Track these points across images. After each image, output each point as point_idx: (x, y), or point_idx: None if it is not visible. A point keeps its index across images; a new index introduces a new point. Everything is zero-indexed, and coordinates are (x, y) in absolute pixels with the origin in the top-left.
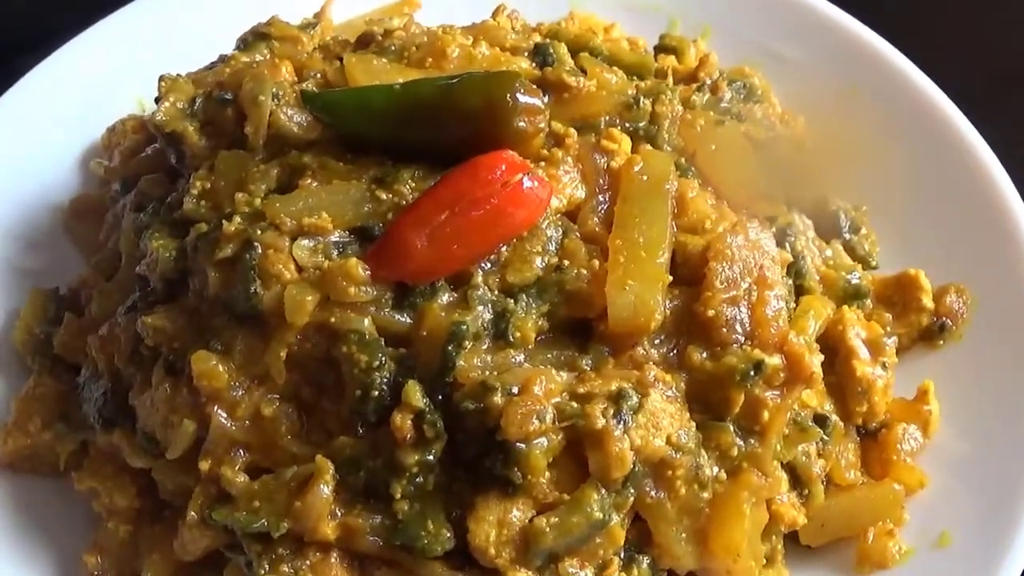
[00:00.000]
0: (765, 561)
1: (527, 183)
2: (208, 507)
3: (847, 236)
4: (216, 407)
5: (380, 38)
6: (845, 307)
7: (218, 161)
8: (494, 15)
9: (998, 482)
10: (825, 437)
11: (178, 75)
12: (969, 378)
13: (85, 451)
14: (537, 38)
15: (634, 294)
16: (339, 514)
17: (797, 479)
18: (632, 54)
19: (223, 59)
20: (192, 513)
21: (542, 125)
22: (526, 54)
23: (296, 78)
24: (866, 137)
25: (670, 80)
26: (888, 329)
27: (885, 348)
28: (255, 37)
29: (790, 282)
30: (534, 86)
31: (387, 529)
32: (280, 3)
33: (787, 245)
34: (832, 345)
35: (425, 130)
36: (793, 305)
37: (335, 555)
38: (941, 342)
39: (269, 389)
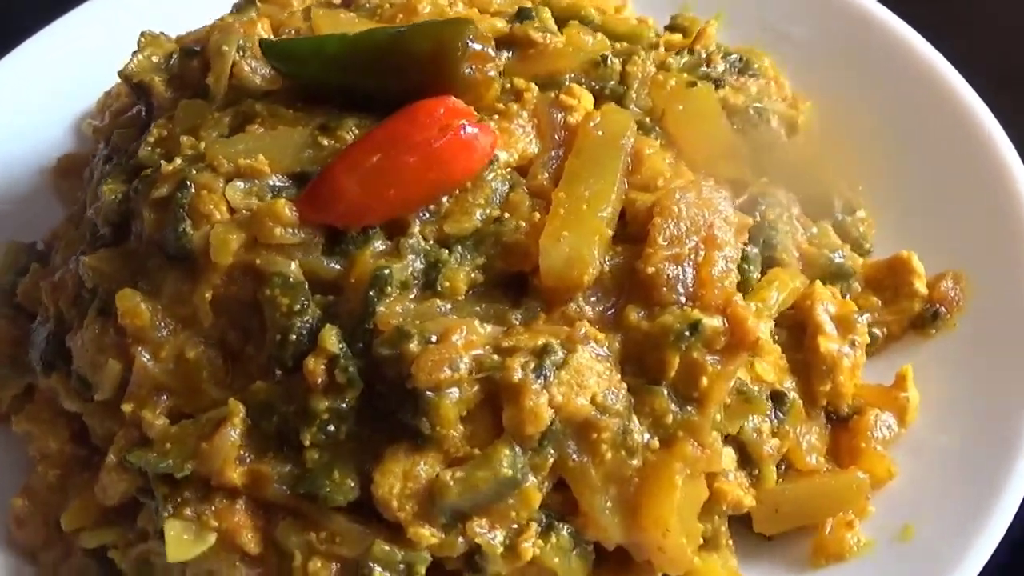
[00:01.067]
0: (704, 542)
1: (468, 129)
2: (126, 450)
3: (839, 216)
4: (140, 347)
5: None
6: (818, 283)
7: (178, 110)
8: None
9: (972, 478)
10: (780, 415)
11: (161, 33)
12: (957, 369)
13: (30, 397)
14: (526, 3)
15: (568, 246)
16: (248, 460)
17: (747, 457)
18: (626, 25)
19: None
20: (111, 456)
21: (492, 74)
22: (507, 18)
23: (273, 35)
24: (874, 117)
25: (661, 49)
26: (877, 315)
27: (856, 326)
28: (248, 1)
29: (755, 251)
30: (488, 35)
31: (294, 477)
32: None
33: (756, 213)
34: (801, 321)
35: (376, 76)
36: (757, 275)
37: (241, 502)
38: (933, 330)
39: (195, 332)
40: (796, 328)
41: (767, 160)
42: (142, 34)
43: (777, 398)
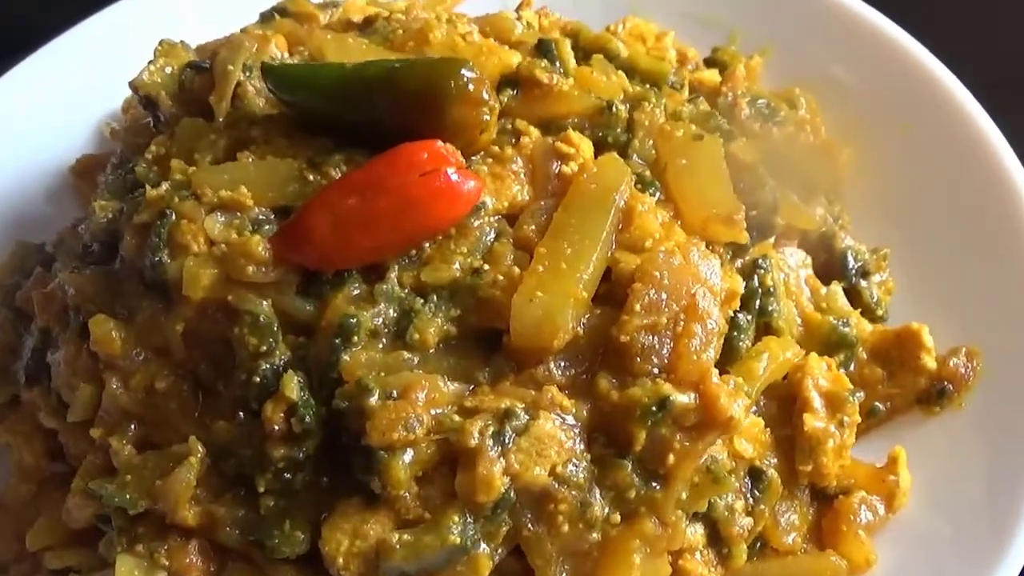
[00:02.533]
0: None
1: (452, 177)
2: (90, 476)
3: (853, 279)
4: (111, 375)
5: (380, 21)
6: (813, 355)
7: (178, 128)
8: (518, 8)
9: (959, 568)
10: (756, 493)
11: (180, 41)
12: (957, 452)
13: (15, 408)
14: (556, 35)
15: (541, 308)
16: (204, 500)
17: (717, 535)
18: (650, 61)
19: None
20: (78, 480)
21: (486, 118)
22: (529, 50)
23: (288, 53)
24: (910, 172)
25: (685, 91)
26: (880, 387)
27: (847, 405)
28: (271, 12)
29: (748, 317)
30: (482, 77)
31: (247, 523)
32: None
33: (755, 279)
34: (792, 394)
35: (367, 112)
36: (748, 343)
37: (195, 543)
38: (938, 408)
39: (166, 363)
40: (786, 401)
41: (777, 217)
42: (160, 42)
43: (755, 475)
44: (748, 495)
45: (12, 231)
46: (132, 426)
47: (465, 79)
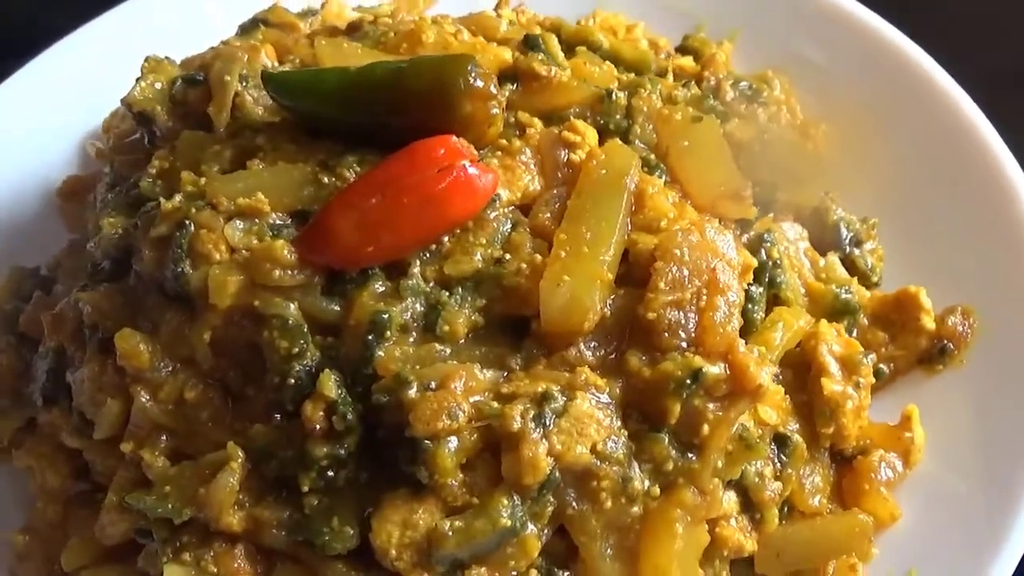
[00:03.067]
0: None
1: (469, 170)
2: (126, 490)
3: (847, 249)
4: (139, 388)
5: (367, 25)
6: (823, 321)
7: (179, 141)
8: (497, 7)
9: (978, 522)
10: (783, 458)
11: (166, 57)
12: (965, 407)
13: (32, 430)
14: (537, 31)
15: (569, 291)
16: (247, 505)
17: (749, 501)
18: (633, 50)
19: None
20: (112, 496)
21: (495, 112)
22: (516, 46)
23: (277, 62)
24: (889, 146)
25: (670, 76)
26: (883, 350)
27: (861, 367)
28: (253, 23)
29: (759, 290)
30: (489, 72)
31: (293, 523)
32: None
33: (763, 252)
34: (806, 361)
35: (376, 113)
36: (761, 315)
37: (240, 547)
38: (940, 367)
39: (194, 373)
40: (800, 368)
41: (774, 192)
42: (146, 59)
43: (780, 441)
44: (775, 460)
45: (2, 256)
46: (163, 438)
47: (473, 75)
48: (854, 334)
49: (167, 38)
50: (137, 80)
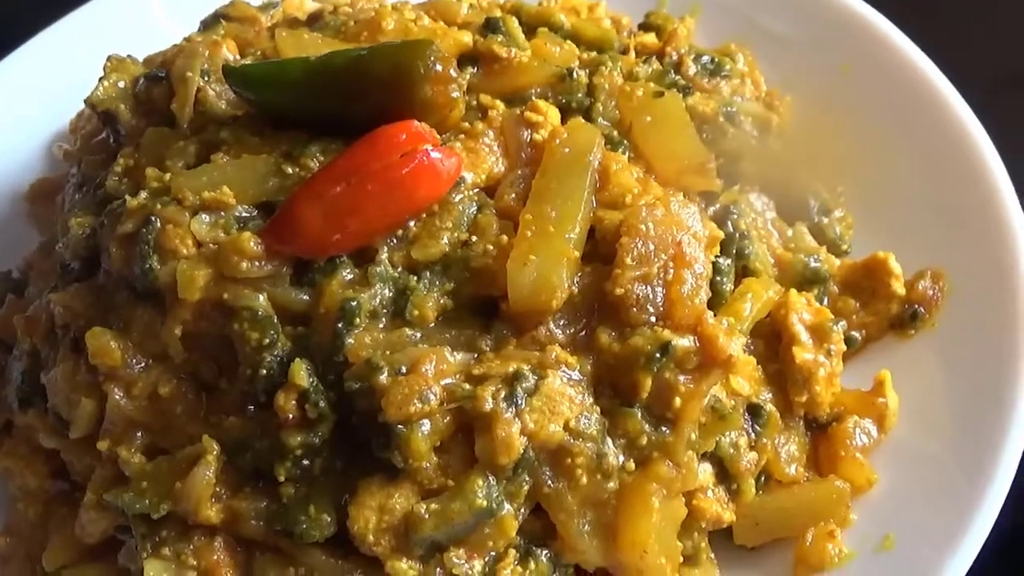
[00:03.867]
0: (684, 559)
1: (432, 155)
2: (104, 488)
3: (816, 218)
4: (112, 385)
5: (327, 15)
6: (793, 291)
7: (144, 138)
8: None
9: (953, 484)
10: (757, 428)
11: (128, 56)
12: (936, 370)
13: (8, 432)
14: (497, 13)
15: (536, 270)
16: (224, 497)
17: (725, 472)
18: (595, 28)
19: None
20: (90, 494)
21: (456, 95)
22: (476, 30)
23: (239, 56)
24: (850, 115)
25: (632, 54)
26: (855, 317)
27: (832, 334)
28: (214, 18)
29: (727, 262)
30: (448, 55)
31: (271, 513)
32: None
33: (729, 224)
34: (777, 331)
35: (338, 102)
36: (730, 286)
37: (220, 539)
38: (912, 331)
39: (167, 368)
40: (771, 338)
41: (741, 164)
42: (108, 58)
43: (753, 411)
44: (750, 431)
45: None
46: (139, 434)
47: (432, 59)
48: (825, 302)
49: (129, 38)
50: (100, 79)
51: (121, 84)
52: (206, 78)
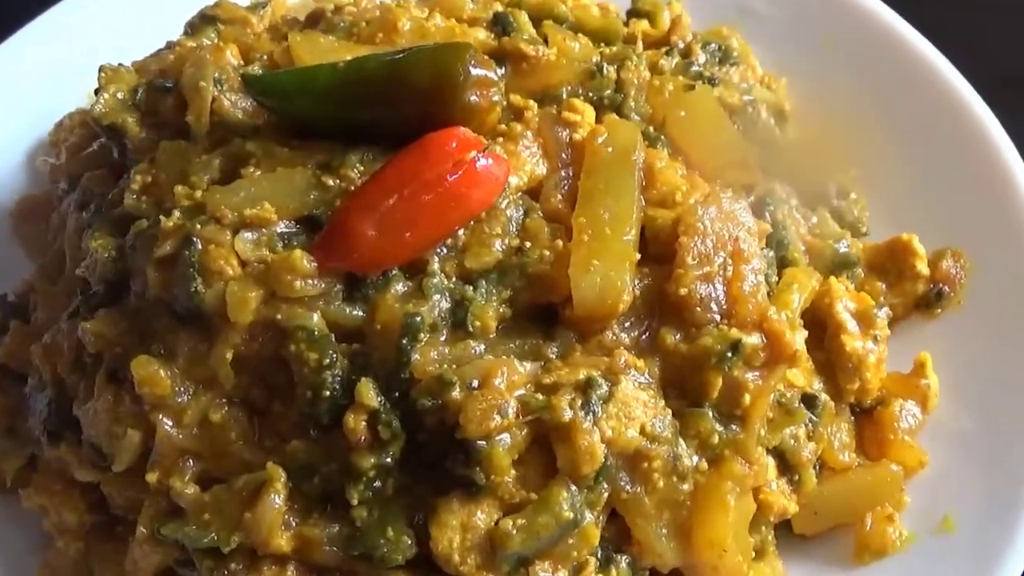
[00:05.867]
0: (755, 554)
1: (481, 161)
2: (158, 521)
3: (835, 202)
4: (161, 415)
5: (330, 15)
6: (832, 278)
7: (159, 153)
8: None
9: (1003, 459)
10: (814, 418)
11: (120, 65)
12: (970, 347)
13: (34, 466)
14: (498, 7)
15: (600, 275)
16: (293, 524)
17: (786, 464)
18: (599, 19)
19: (170, 46)
20: (142, 529)
21: (496, 98)
22: (485, 25)
23: (243, 61)
24: (850, 96)
25: (639, 45)
26: (881, 299)
27: (876, 320)
28: (202, 20)
29: (771, 254)
30: (487, 57)
31: (345, 538)
32: None
33: (766, 215)
34: (820, 319)
35: (373, 109)
36: (775, 278)
37: (292, 568)
38: (939, 310)
39: (217, 393)
40: (815, 326)
41: (764, 153)
42: (101, 69)
43: (809, 401)
44: (807, 421)
45: None
46: (190, 463)
47: (472, 63)
48: (853, 286)
49: (103, 43)
50: (97, 92)
51: (120, 95)
52: (219, 87)
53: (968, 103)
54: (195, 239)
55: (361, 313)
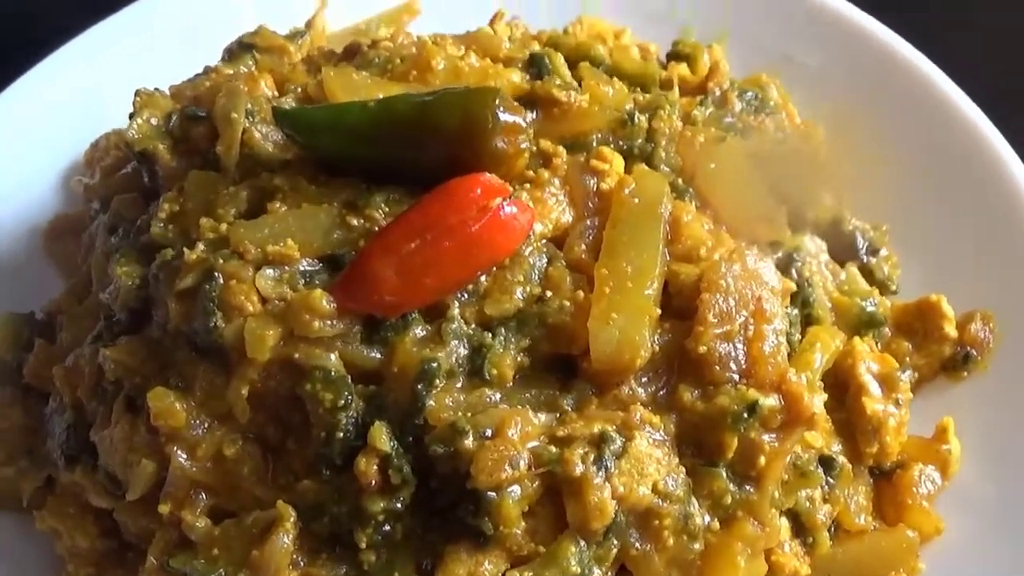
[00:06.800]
0: None
1: (506, 209)
2: (168, 553)
3: (864, 258)
4: (175, 447)
5: (366, 49)
6: (856, 339)
7: (187, 182)
8: (492, 22)
9: (1018, 531)
10: (831, 481)
11: (156, 89)
12: (994, 413)
13: (50, 488)
14: (536, 47)
15: (618, 329)
16: (301, 564)
17: (800, 526)
18: (635, 63)
19: (207, 71)
20: (151, 559)
21: (524, 145)
22: (520, 65)
23: (277, 92)
24: (888, 150)
25: (675, 93)
26: (907, 360)
27: (899, 383)
28: (240, 48)
29: (795, 312)
30: (516, 103)
31: None
32: (275, 12)
33: (793, 271)
34: (842, 380)
35: (401, 150)
36: (798, 337)
37: None
38: (965, 373)
39: (232, 428)
40: (837, 386)
41: (794, 203)
42: (137, 93)
43: (826, 463)
44: (823, 483)
45: None
46: (202, 496)
47: (502, 108)
48: (878, 346)
49: (139, 65)
50: (131, 116)
51: (154, 121)
52: (250, 119)
53: (1011, 169)
54: (216, 274)
55: (379, 355)
